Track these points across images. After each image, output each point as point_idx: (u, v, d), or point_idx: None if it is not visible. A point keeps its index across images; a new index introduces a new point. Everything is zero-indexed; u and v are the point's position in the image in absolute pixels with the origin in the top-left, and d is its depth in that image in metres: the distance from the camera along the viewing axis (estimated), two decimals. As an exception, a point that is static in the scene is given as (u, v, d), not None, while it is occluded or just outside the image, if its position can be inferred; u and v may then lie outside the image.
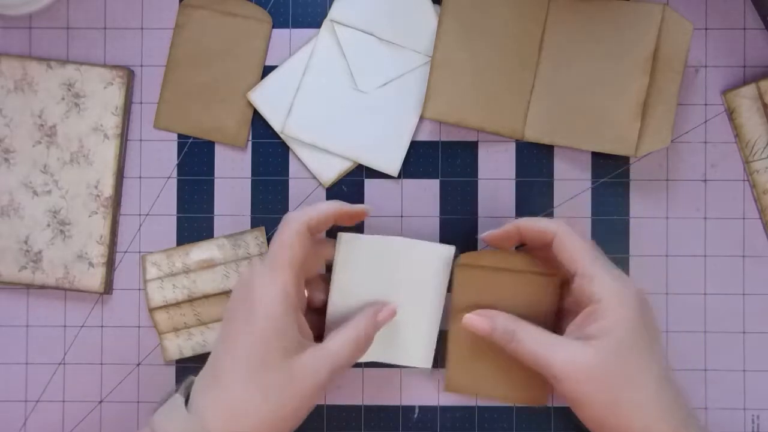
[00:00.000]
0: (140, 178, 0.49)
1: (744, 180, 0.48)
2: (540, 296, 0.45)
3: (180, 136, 0.49)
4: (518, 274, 0.45)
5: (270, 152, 0.49)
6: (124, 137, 0.49)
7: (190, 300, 0.48)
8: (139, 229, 0.49)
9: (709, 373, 0.48)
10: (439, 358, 0.48)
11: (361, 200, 0.49)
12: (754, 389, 0.48)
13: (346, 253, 0.45)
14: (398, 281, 0.45)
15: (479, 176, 0.49)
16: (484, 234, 0.44)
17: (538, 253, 0.45)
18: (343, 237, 0.44)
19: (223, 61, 0.49)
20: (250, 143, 0.49)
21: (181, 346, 0.48)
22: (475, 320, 0.43)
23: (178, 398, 0.39)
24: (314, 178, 0.49)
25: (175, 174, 0.49)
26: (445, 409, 0.48)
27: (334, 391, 0.46)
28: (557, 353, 0.39)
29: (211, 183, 0.49)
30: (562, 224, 0.42)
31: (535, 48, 0.47)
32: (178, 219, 0.49)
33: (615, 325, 0.39)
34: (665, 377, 0.39)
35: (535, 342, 0.40)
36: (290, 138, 0.48)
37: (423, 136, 0.49)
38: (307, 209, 0.41)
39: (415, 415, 0.48)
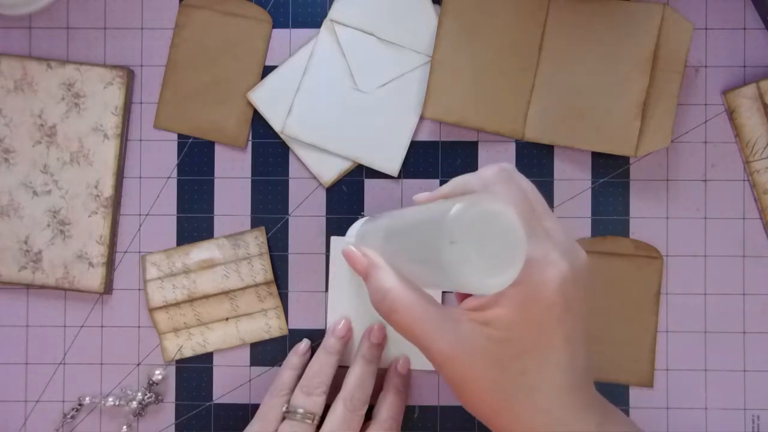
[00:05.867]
0: (140, 178, 0.49)
1: (744, 180, 0.48)
2: (646, 278, 0.47)
3: (180, 136, 0.49)
4: (625, 258, 0.47)
5: (270, 152, 0.49)
6: (124, 137, 0.49)
7: (190, 300, 0.48)
8: (139, 229, 0.49)
9: (709, 373, 0.48)
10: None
11: (361, 200, 0.49)
12: (754, 389, 0.48)
13: (339, 254, 0.47)
14: None
15: (479, 176, 0.49)
16: (417, 196, 0.38)
17: None
18: (335, 240, 0.47)
19: (223, 61, 0.49)
20: (250, 143, 0.49)
21: (181, 346, 0.48)
22: (354, 255, 0.37)
23: None
24: (314, 178, 0.49)
25: (175, 174, 0.49)
26: (445, 409, 0.48)
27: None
28: (443, 337, 0.33)
29: (211, 183, 0.49)
30: (493, 188, 0.34)
31: (535, 48, 0.47)
32: (178, 219, 0.49)
33: (514, 322, 0.32)
34: (571, 384, 0.33)
35: (415, 317, 0.34)
36: (290, 138, 0.48)
37: (423, 136, 0.49)
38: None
39: (415, 415, 0.48)
